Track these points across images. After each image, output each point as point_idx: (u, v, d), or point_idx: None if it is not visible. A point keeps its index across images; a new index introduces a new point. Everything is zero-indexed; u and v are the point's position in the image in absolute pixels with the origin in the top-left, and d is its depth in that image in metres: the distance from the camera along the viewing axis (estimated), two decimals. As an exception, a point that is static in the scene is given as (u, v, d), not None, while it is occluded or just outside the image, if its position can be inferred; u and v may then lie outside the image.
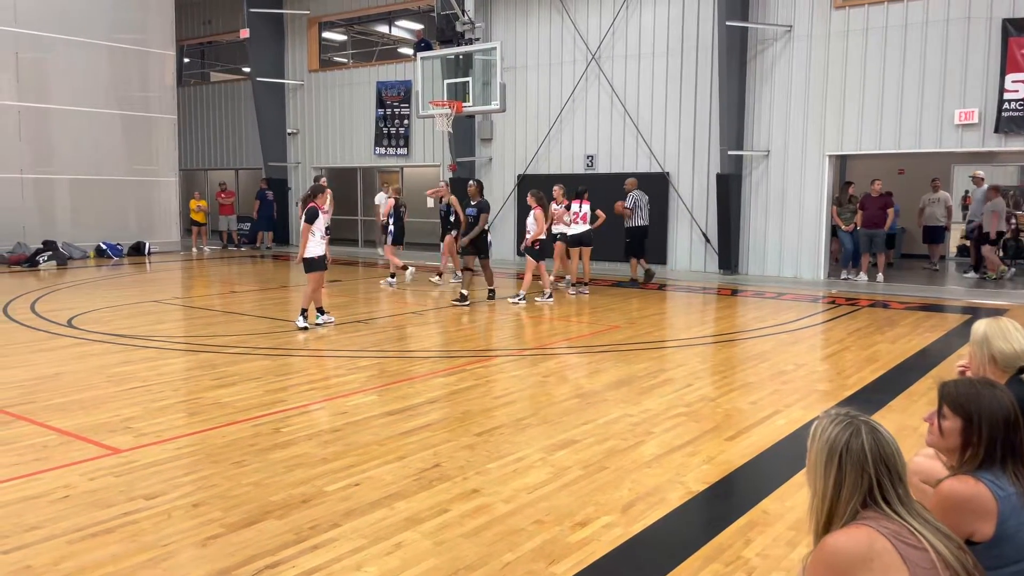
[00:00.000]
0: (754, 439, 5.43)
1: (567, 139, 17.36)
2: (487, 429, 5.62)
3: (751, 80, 15.06)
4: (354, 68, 21.50)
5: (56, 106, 18.08)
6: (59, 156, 18.22)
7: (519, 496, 4.36)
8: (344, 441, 5.31)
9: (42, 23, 17.64)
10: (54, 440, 5.29)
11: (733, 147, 14.92)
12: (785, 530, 3.96)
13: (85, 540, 3.77)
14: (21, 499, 4.26)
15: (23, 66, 17.51)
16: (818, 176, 14.56)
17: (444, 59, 14.23)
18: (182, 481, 4.56)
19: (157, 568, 3.50)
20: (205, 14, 24.67)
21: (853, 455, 2.04)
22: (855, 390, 6.81)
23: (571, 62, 17.14)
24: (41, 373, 7.24)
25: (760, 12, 14.83)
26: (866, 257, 14.48)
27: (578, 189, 13.11)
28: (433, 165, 19.74)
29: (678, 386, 6.89)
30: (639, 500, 4.32)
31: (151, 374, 7.27)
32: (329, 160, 21.80)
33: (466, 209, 12.08)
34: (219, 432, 5.49)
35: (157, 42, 19.98)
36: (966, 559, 1.98)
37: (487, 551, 3.69)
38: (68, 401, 6.29)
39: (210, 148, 25.17)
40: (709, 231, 15.66)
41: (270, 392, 6.63)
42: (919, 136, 13.49)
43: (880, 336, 9.29)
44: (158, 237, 20.13)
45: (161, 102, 20.25)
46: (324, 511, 4.13)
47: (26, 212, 17.70)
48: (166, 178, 20.55)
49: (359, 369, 7.57)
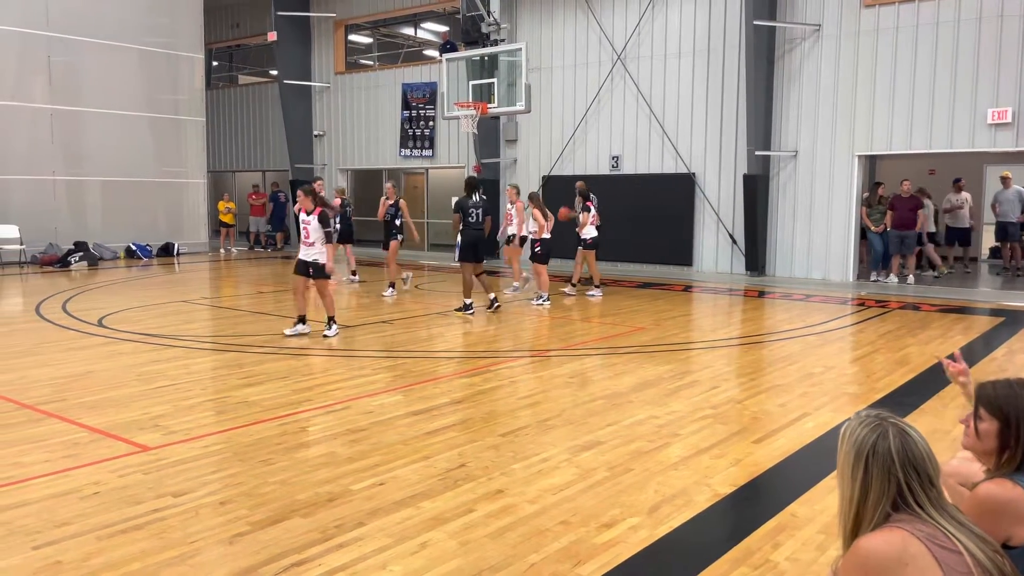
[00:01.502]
0: (782, 442, 5.36)
1: (592, 140, 17.31)
2: (512, 430, 5.61)
3: (779, 80, 14.92)
4: (380, 70, 21.61)
5: (87, 109, 18.36)
6: (90, 158, 18.50)
7: (544, 497, 4.34)
8: (369, 440, 5.32)
9: (74, 27, 17.92)
10: (85, 437, 5.36)
11: (760, 147, 14.78)
12: (815, 534, 3.90)
13: (114, 536, 3.80)
14: (52, 495, 4.32)
15: (55, 70, 17.80)
16: (847, 177, 14.39)
17: (469, 60, 14.25)
18: (210, 479, 4.60)
19: (184, 565, 3.53)
20: (233, 17, 24.93)
21: (880, 458, 2.00)
22: (885, 393, 6.71)
23: (596, 63, 17.09)
24: (72, 371, 7.34)
25: (788, 11, 14.69)
26: (896, 259, 14.27)
27: (531, 193, 12.66)
28: (458, 166, 19.78)
29: (704, 388, 6.83)
30: (665, 502, 4.29)
31: (180, 373, 7.34)
32: (355, 162, 21.93)
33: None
34: (246, 431, 5.53)
35: (186, 46, 20.24)
36: (1003, 563, 1.93)
37: (512, 551, 3.68)
38: (98, 399, 6.37)
39: (238, 150, 25.42)
40: (735, 232, 15.53)
41: (296, 391, 6.66)
42: (951, 136, 13.28)
43: (911, 339, 9.15)
44: (187, 238, 20.36)
45: (190, 105, 20.51)
46: (350, 510, 4.14)
47: (58, 213, 17.99)
48: (194, 180, 20.78)
49: (384, 369, 7.59)
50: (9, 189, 17.21)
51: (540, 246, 11.80)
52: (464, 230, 10.93)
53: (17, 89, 17.30)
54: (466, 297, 10.80)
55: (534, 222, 11.87)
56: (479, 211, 10.98)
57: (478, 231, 10.96)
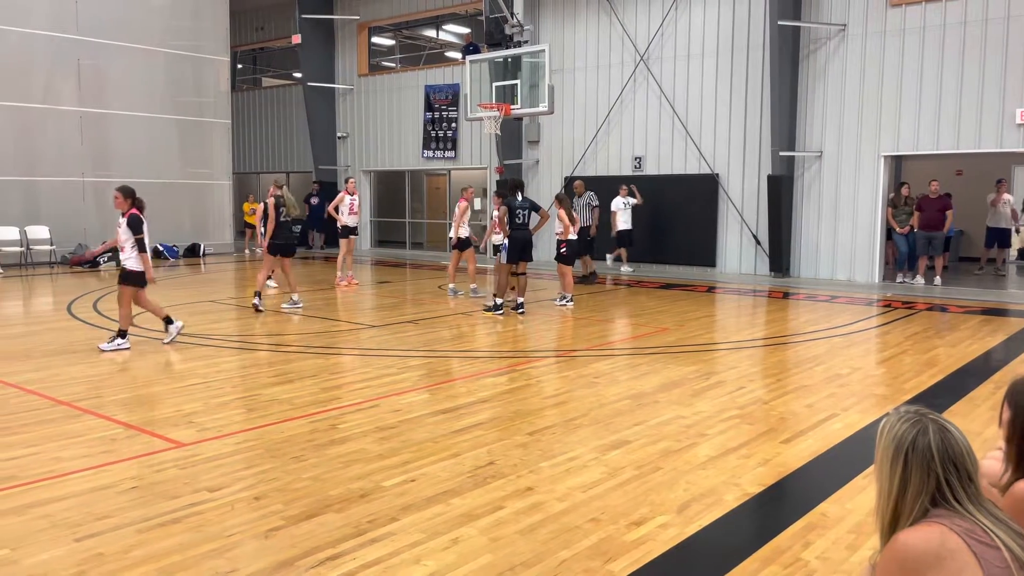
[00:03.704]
0: (810, 442, 5.36)
1: (615, 141, 17.30)
2: (539, 428, 5.65)
3: (803, 80, 14.85)
4: (403, 72, 21.74)
5: (115, 111, 18.63)
6: (118, 160, 18.75)
7: (573, 495, 4.37)
8: (399, 438, 5.38)
9: (102, 31, 18.19)
10: (121, 433, 5.46)
11: (785, 148, 14.72)
12: (845, 533, 3.90)
13: (153, 529, 3.89)
14: (92, 489, 4.41)
15: (84, 73, 18.08)
16: (873, 177, 14.29)
17: (492, 62, 14.32)
18: (243, 474, 4.68)
19: (222, 558, 3.60)
20: (258, 21, 25.18)
21: (919, 453, 2.01)
22: (913, 394, 6.68)
23: (619, 64, 17.09)
24: (106, 370, 7.47)
25: (813, 11, 14.61)
26: (923, 260, 14.14)
27: (557, 194, 12.42)
28: (480, 168, 19.85)
29: (730, 388, 6.83)
30: (694, 501, 4.30)
31: (210, 371, 7.45)
32: (378, 163, 22.07)
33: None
34: (277, 428, 5.61)
35: (212, 49, 20.48)
36: (1042, 560, 1.94)
37: (543, 548, 3.72)
38: (132, 396, 6.49)
39: (262, 152, 25.67)
40: (759, 233, 15.46)
41: (325, 390, 6.74)
42: (978, 136, 13.15)
43: (939, 340, 9.09)
44: (212, 239, 20.59)
45: (215, 107, 20.74)
46: (382, 505, 4.20)
47: (87, 214, 18.26)
48: (220, 181, 21.01)
49: (410, 368, 7.66)
50: (40, 190, 17.50)
51: (566, 247, 11.83)
52: (512, 231, 10.98)
53: (48, 92, 17.59)
54: (497, 297, 10.88)
55: (559, 223, 11.88)
56: (525, 212, 11.10)
57: (525, 231, 11.07)
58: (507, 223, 10.93)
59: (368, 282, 14.81)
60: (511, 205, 10.98)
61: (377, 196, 23.00)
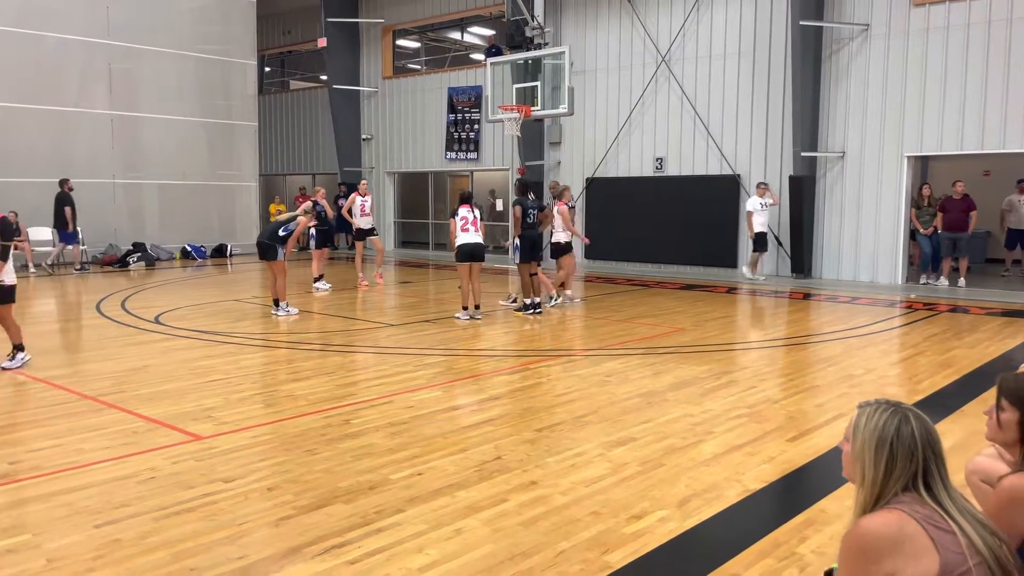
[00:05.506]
0: (817, 440, 5.40)
1: (636, 142, 17.33)
2: (547, 425, 5.74)
3: (826, 80, 14.77)
4: (426, 74, 21.93)
5: (145, 114, 19.02)
6: (148, 162, 19.16)
7: (576, 489, 4.46)
8: (410, 433, 5.50)
9: (132, 35, 18.59)
10: (142, 427, 5.65)
11: (807, 149, 14.65)
12: (842, 528, 3.92)
13: (169, 517, 4.04)
14: (112, 479, 4.59)
15: (115, 76, 18.48)
16: (896, 178, 14.18)
17: (514, 64, 14.44)
18: (258, 466, 4.83)
19: (234, 544, 3.74)
20: (285, 25, 25.54)
21: (904, 441, 2.08)
22: (927, 394, 6.67)
23: (640, 65, 17.12)
24: (130, 365, 7.69)
25: (836, 11, 14.54)
26: (947, 261, 14.01)
27: (463, 193, 11.02)
28: (502, 169, 19.97)
29: (741, 388, 6.86)
30: (695, 496, 4.37)
31: (231, 368, 7.64)
32: (401, 165, 22.28)
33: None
34: (293, 422, 5.76)
35: (239, 52, 20.83)
36: (999, 548, 2.00)
37: (543, 539, 3.81)
38: (155, 391, 6.68)
39: (289, 154, 26.01)
40: (781, 234, 15.41)
41: (341, 386, 6.89)
42: (1004, 136, 13.01)
43: (957, 341, 9.03)
44: (239, 240, 20.91)
45: (243, 110, 21.09)
46: (389, 497, 4.32)
47: (117, 216, 18.68)
48: (247, 183, 21.36)
49: (426, 366, 7.78)
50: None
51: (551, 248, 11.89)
52: (523, 231, 11.05)
53: (80, 96, 18.01)
54: (526, 297, 11.01)
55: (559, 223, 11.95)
56: (535, 211, 11.25)
57: (535, 230, 11.22)
58: (521, 222, 11.05)
59: (390, 282, 14.97)
60: (524, 205, 11.10)
61: (401, 197, 23.21)
